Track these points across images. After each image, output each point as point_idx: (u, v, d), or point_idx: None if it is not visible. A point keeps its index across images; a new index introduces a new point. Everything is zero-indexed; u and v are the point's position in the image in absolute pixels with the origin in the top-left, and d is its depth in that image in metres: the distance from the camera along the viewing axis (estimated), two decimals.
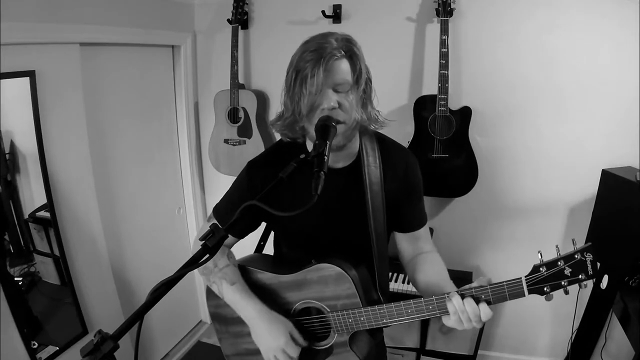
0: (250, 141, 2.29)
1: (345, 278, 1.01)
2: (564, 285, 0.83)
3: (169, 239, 2.57)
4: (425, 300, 0.93)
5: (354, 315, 1.01)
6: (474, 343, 2.08)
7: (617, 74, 1.87)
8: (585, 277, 0.82)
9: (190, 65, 2.48)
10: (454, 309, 0.87)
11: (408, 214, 1.13)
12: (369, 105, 1.01)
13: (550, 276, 0.83)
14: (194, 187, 2.66)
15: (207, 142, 2.47)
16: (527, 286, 0.84)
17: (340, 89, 0.94)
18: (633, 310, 1.67)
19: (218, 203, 1.16)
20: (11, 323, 1.54)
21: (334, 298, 1.03)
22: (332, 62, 0.91)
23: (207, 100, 2.48)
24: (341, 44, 0.93)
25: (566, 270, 0.82)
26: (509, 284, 0.85)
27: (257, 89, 2.37)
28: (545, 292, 0.84)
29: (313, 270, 1.04)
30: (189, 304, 2.83)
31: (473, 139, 2.03)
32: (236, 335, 1.18)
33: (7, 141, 1.57)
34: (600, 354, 2.01)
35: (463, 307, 0.86)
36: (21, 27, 1.51)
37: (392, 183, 1.08)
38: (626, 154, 1.90)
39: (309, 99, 0.93)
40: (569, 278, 0.82)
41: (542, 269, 0.84)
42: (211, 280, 1.11)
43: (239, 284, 1.09)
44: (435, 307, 0.92)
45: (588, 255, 0.81)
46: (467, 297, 0.87)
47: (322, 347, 1.10)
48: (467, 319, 0.87)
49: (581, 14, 1.85)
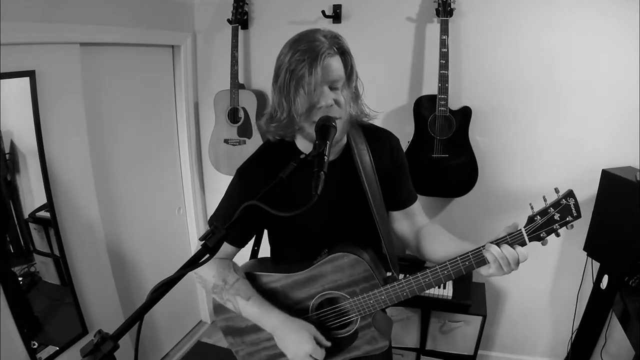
0: (250, 141, 2.29)
1: (360, 262, 1.04)
2: (555, 228, 0.93)
3: (169, 239, 2.57)
4: (461, 257, 0.96)
5: (374, 296, 1.05)
6: (474, 343, 2.08)
7: (617, 74, 1.87)
8: (572, 219, 0.91)
9: (190, 65, 2.49)
10: (494, 257, 0.92)
11: (401, 191, 1.19)
12: (359, 99, 1.06)
13: (544, 223, 0.93)
14: (194, 187, 2.66)
15: (207, 142, 2.47)
16: (527, 235, 0.93)
17: (335, 85, 0.96)
18: (633, 310, 1.67)
19: (213, 213, 1.15)
20: (11, 323, 1.54)
21: (352, 284, 1.06)
22: (327, 60, 0.92)
23: (207, 100, 2.48)
24: (332, 41, 0.95)
25: (556, 215, 0.92)
26: (511, 235, 0.93)
27: (257, 89, 2.37)
28: (542, 237, 0.93)
29: (326, 261, 1.06)
30: (189, 304, 2.83)
31: (473, 139, 2.03)
32: (253, 343, 1.18)
33: (7, 141, 1.57)
34: (600, 354, 2.01)
35: (502, 254, 0.91)
36: (21, 27, 1.51)
37: (381, 164, 1.12)
38: (626, 154, 1.90)
39: (306, 99, 0.94)
40: (559, 222, 0.92)
41: (536, 218, 0.93)
42: (225, 299, 1.11)
43: (254, 297, 1.09)
44: (471, 261, 0.96)
45: (571, 199, 0.91)
46: (503, 244, 0.93)
47: (346, 334, 1.12)
48: (506, 264, 0.92)
49: (581, 13, 1.85)
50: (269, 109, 1.05)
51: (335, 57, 0.94)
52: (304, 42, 0.93)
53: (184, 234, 2.72)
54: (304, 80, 0.91)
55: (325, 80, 0.93)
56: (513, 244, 0.93)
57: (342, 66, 0.96)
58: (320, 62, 0.90)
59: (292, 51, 0.93)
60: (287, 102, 0.96)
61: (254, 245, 1.31)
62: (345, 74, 0.97)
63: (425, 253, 1.13)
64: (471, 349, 2.10)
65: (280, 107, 0.98)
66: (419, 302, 2.04)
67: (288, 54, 0.94)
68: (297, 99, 0.94)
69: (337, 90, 0.96)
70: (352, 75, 0.99)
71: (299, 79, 0.92)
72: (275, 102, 1.00)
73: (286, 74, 0.94)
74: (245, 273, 1.15)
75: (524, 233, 0.93)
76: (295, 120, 0.98)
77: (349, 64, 0.97)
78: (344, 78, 0.97)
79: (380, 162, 1.12)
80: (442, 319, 2.07)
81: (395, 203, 1.19)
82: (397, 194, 1.18)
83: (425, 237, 1.14)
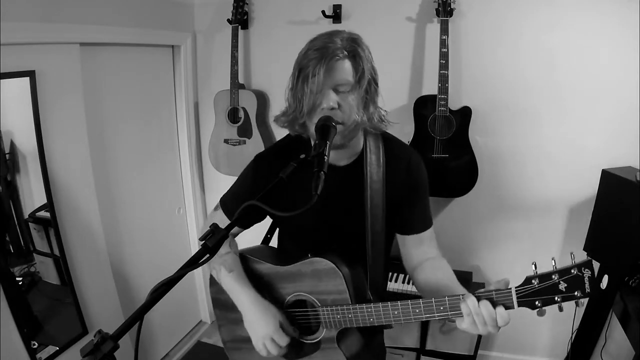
0: (250, 141, 2.29)
1: (337, 273, 1.01)
2: (557, 301, 0.78)
3: (169, 239, 2.57)
4: (437, 301, 0.88)
5: (342, 312, 1.01)
6: (474, 343, 2.08)
7: (617, 74, 1.86)
8: (581, 295, 0.76)
9: (190, 65, 2.49)
10: (468, 311, 0.83)
11: (410, 214, 1.11)
12: (371, 106, 0.99)
13: (543, 290, 0.78)
14: (193, 187, 2.66)
15: (207, 142, 2.47)
16: (516, 298, 0.80)
17: (341, 89, 0.94)
18: (633, 310, 1.67)
19: (225, 194, 1.19)
20: (11, 323, 1.54)
21: (325, 292, 1.04)
22: (334, 62, 0.91)
23: (207, 100, 2.48)
24: (345, 43, 0.93)
25: (561, 285, 0.77)
26: (497, 294, 0.82)
27: (257, 89, 2.37)
28: (536, 306, 0.80)
29: (307, 263, 1.05)
30: (189, 304, 2.83)
31: (473, 139, 2.03)
32: (233, 321, 1.20)
33: (7, 141, 1.57)
34: (600, 354, 2.01)
35: (478, 310, 0.81)
36: (21, 27, 1.51)
37: (394, 181, 1.07)
38: (626, 154, 1.90)
39: (310, 98, 0.93)
40: (563, 294, 0.77)
41: (534, 281, 0.79)
42: (211, 266, 1.14)
43: (237, 271, 1.11)
44: (447, 307, 0.87)
45: (586, 271, 0.76)
46: (483, 300, 0.82)
47: (310, 341, 1.11)
48: (482, 322, 0.82)
49: (581, 13, 1.85)
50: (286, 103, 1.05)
51: (344, 60, 0.92)
52: (320, 41, 0.92)
53: (184, 234, 2.72)
54: (308, 79, 0.91)
55: (330, 82, 0.92)
56: (497, 302, 0.82)
57: (352, 70, 0.93)
58: (324, 63, 0.89)
59: (306, 48, 0.94)
60: (294, 98, 0.97)
61: (267, 233, 1.33)
62: (354, 78, 0.93)
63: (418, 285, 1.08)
64: (471, 349, 2.10)
65: (289, 102, 1.00)
66: None
67: (303, 50, 0.94)
68: (304, 97, 0.94)
69: (344, 94, 0.94)
70: (362, 80, 0.94)
71: (305, 77, 0.92)
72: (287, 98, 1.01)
73: (296, 71, 0.94)
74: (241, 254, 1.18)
75: (513, 294, 0.80)
76: (298, 118, 0.98)
77: (360, 68, 0.93)
78: (352, 82, 0.93)
79: (393, 179, 1.07)
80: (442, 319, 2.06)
81: (402, 226, 1.12)
82: (406, 216, 1.11)
83: (424, 271, 1.07)
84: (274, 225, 1.33)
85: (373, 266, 1.11)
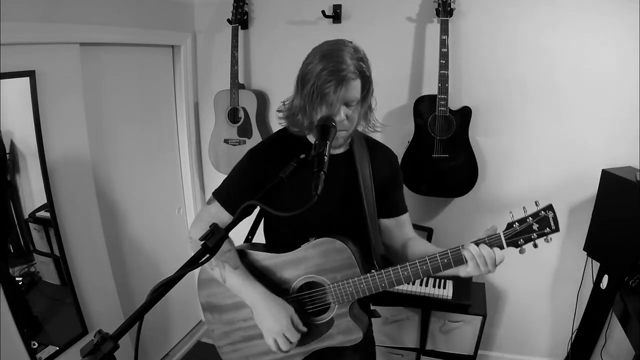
0: (250, 141, 2.29)
1: (345, 249, 1.08)
2: (533, 238, 0.97)
3: (169, 239, 2.57)
4: (440, 254, 1.01)
5: (354, 284, 1.08)
6: (474, 343, 2.08)
7: (617, 74, 1.87)
8: (550, 231, 0.96)
9: (190, 65, 2.48)
10: (471, 255, 0.97)
11: (394, 200, 1.26)
12: (369, 113, 1.14)
13: (522, 230, 0.98)
14: (194, 187, 2.66)
15: (207, 142, 2.47)
16: (505, 239, 0.98)
17: (350, 104, 1.05)
18: (633, 310, 1.68)
19: (218, 187, 1.21)
20: (11, 323, 1.54)
21: (334, 270, 1.10)
22: (349, 82, 1.01)
23: (207, 100, 2.48)
24: (356, 63, 1.02)
25: (534, 225, 0.97)
26: (489, 238, 0.98)
27: (257, 89, 2.37)
28: (519, 244, 0.98)
29: (313, 245, 1.10)
30: (189, 304, 2.83)
31: (473, 139, 2.03)
32: (229, 322, 1.21)
33: (7, 141, 1.57)
34: (600, 354, 2.01)
35: (480, 253, 0.96)
36: (21, 27, 1.51)
37: (379, 172, 1.20)
38: (626, 154, 1.90)
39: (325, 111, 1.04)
40: (537, 232, 0.97)
41: (515, 225, 0.98)
42: (213, 264, 1.14)
43: (242, 268, 1.13)
44: (450, 259, 1.00)
45: (549, 212, 0.97)
46: (481, 244, 0.98)
47: (322, 321, 1.15)
48: (483, 263, 0.97)
49: (581, 13, 1.86)
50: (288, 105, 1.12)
51: (356, 80, 1.03)
52: (333, 62, 1.00)
53: (184, 234, 2.71)
54: (328, 97, 1.01)
55: (344, 99, 1.03)
56: (492, 245, 0.98)
57: (360, 88, 1.05)
58: (344, 85, 1.00)
59: (320, 66, 1.00)
60: (310, 110, 1.05)
61: (249, 234, 1.35)
62: (360, 95, 1.05)
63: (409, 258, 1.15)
64: (471, 349, 2.10)
65: (303, 112, 1.07)
66: (419, 302, 2.04)
67: (317, 66, 1.01)
68: (319, 110, 1.04)
69: (351, 107, 1.05)
70: (367, 96, 1.09)
71: (324, 95, 1.01)
72: (297, 105, 1.08)
73: (312, 88, 1.02)
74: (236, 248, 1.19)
75: (502, 237, 0.98)
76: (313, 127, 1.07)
77: (367, 87, 1.07)
78: (359, 98, 1.06)
79: (377, 170, 1.20)
80: (442, 319, 2.07)
81: (388, 210, 1.25)
82: (390, 201, 1.25)
83: (411, 246, 1.19)
84: (254, 226, 1.35)
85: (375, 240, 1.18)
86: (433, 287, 2.04)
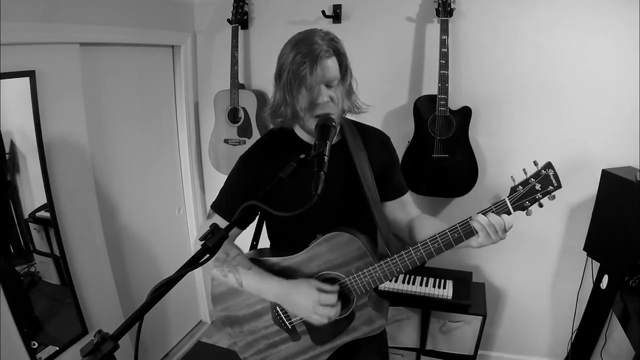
0: (250, 141, 2.29)
1: (354, 240, 1.07)
2: (538, 198, 0.97)
3: (169, 239, 2.57)
4: (450, 229, 1.00)
5: (369, 274, 1.08)
6: (474, 343, 2.08)
7: (617, 74, 1.87)
8: (552, 188, 0.96)
9: (190, 65, 2.49)
10: (481, 226, 0.96)
11: (393, 181, 1.25)
12: (352, 94, 1.13)
13: (526, 192, 0.98)
14: (194, 187, 2.66)
15: (207, 142, 2.47)
16: (510, 204, 0.98)
17: (331, 84, 1.04)
18: (633, 310, 1.67)
19: (215, 200, 1.20)
20: (11, 323, 1.54)
21: (346, 263, 1.09)
22: (324, 60, 1.01)
23: (207, 100, 2.48)
24: (328, 43, 1.03)
25: (537, 185, 0.97)
26: (496, 206, 0.98)
27: (257, 89, 2.37)
28: (525, 206, 0.98)
29: (321, 242, 1.09)
30: (189, 304, 2.83)
31: (473, 139, 2.03)
32: (252, 332, 1.20)
33: (7, 141, 1.57)
34: (600, 354, 2.01)
35: (489, 222, 0.96)
36: (21, 27, 1.51)
37: (374, 156, 1.20)
38: (626, 154, 1.90)
39: (307, 96, 1.03)
40: (540, 191, 0.97)
41: (519, 188, 0.98)
42: (226, 271, 1.14)
43: (255, 267, 1.14)
44: (460, 233, 1.00)
45: (550, 170, 0.97)
46: (489, 213, 0.97)
47: (343, 316, 1.14)
48: (494, 232, 0.96)
49: (581, 13, 1.85)
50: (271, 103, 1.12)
51: (331, 58, 1.02)
52: (304, 45, 1.01)
53: (184, 234, 2.72)
54: (306, 80, 1.00)
55: (323, 79, 1.02)
56: (499, 212, 0.98)
57: (337, 66, 1.04)
58: (319, 63, 0.99)
59: (293, 53, 1.01)
60: (290, 99, 1.04)
61: (253, 240, 1.34)
62: (339, 73, 1.05)
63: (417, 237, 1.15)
64: (471, 349, 2.10)
65: (284, 102, 1.06)
66: (419, 302, 2.04)
67: (290, 54, 1.02)
68: (300, 97, 1.03)
69: (332, 88, 1.05)
70: (346, 74, 1.07)
71: (301, 79, 1.00)
72: (278, 98, 1.08)
73: (289, 74, 1.01)
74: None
75: (507, 202, 0.98)
76: (299, 115, 1.06)
77: (343, 64, 1.06)
78: (339, 77, 1.05)
79: (373, 154, 1.20)
80: (442, 319, 2.07)
81: (389, 192, 1.25)
82: (390, 183, 1.25)
83: (417, 224, 1.19)
84: (257, 232, 1.34)
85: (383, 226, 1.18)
86: (433, 287, 2.04)
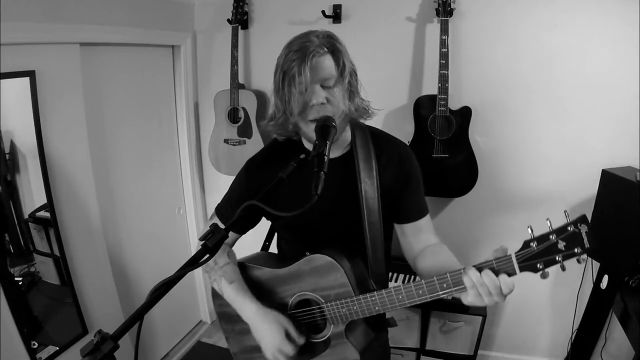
0: (250, 141, 2.29)
1: (336, 267, 1.00)
2: (559, 260, 0.76)
3: (169, 239, 2.57)
4: (439, 278, 0.87)
5: (347, 305, 1.01)
6: (474, 343, 2.08)
7: (617, 74, 1.86)
8: (581, 251, 0.75)
9: (190, 65, 2.48)
10: (472, 283, 0.81)
11: (406, 203, 1.11)
12: (356, 97, 1.03)
13: (543, 251, 0.77)
14: (194, 187, 2.66)
15: (207, 142, 2.47)
16: (517, 263, 0.78)
17: (327, 84, 0.96)
18: (633, 310, 1.68)
19: (220, 203, 1.20)
20: (11, 323, 1.54)
21: (327, 288, 1.03)
22: (317, 58, 0.93)
23: (207, 100, 2.48)
24: (323, 40, 0.95)
25: (559, 243, 0.75)
26: (497, 262, 0.81)
27: (257, 89, 2.37)
28: (538, 268, 0.78)
29: (305, 261, 1.05)
30: (189, 304, 2.83)
31: (473, 139, 2.03)
32: (241, 332, 1.20)
33: (7, 141, 1.57)
34: (600, 354, 2.01)
35: (482, 281, 0.80)
36: (21, 27, 1.51)
37: (386, 173, 1.08)
38: (626, 154, 1.90)
39: (299, 98, 0.95)
40: (563, 252, 0.75)
41: (532, 244, 0.78)
42: (212, 278, 1.14)
43: (238, 282, 1.11)
44: (450, 284, 0.86)
45: (582, 226, 0.75)
46: (485, 270, 0.81)
47: (320, 340, 1.10)
48: (486, 293, 0.81)
49: (581, 13, 1.85)
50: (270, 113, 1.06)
51: (325, 55, 0.94)
52: (297, 43, 0.95)
53: (184, 234, 2.71)
54: (295, 79, 0.93)
55: (316, 78, 0.94)
56: (499, 271, 0.80)
57: (334, 64, 0.96)
58: (308, 60, 0.91)
59: (285, 51, 0.96)
60: (281, 102, 0.98)
61: (266, 241, 1.34)
62: (337, 72, 0.96)
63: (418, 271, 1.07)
64: (471, 349, 2.10)
65: (277, 106, 1.00)
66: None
67: (282, 55, 0.96)
68: (291, 98, 0.95)
69: (330, 89, 0.96)
70: (344, 72, 0.97)
71: (290, 78, 0.94)
72: (274, 104, 1.02)
73: (280, 74, 0.96)
74: (239, 263, 1.18)
75: (513, 260, 0.79)
76: (289, 119, 0.99)
77: (341, 62, 0.96)
78: (336, 76, 0.96)
79: (386, 171, 1.08)
80: (442, 319, 2.07)
81: (402, 214, 1.12)
82: (402, 205, 1.12)
83: (425, 255, 1.07)
84: (271, 232, 1.33)
85: (373, 257, 1.10)
86: None
